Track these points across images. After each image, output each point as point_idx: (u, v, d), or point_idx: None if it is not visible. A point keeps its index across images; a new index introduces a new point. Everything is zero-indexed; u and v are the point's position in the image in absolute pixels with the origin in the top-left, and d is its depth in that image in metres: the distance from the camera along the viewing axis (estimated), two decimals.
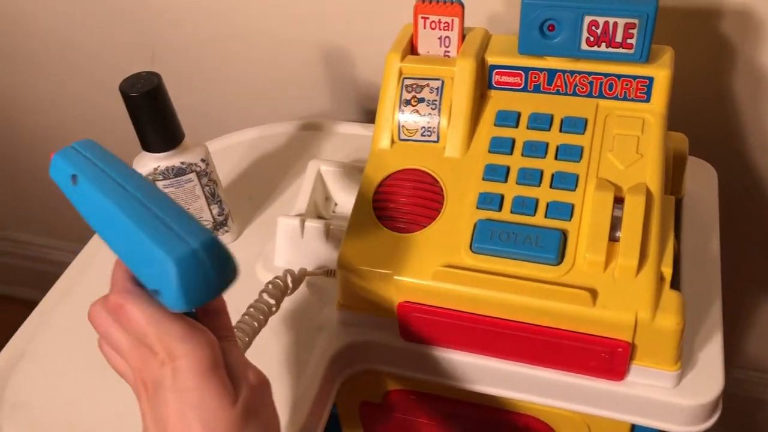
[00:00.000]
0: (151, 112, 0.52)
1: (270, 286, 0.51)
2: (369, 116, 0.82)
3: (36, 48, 0.93)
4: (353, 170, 0.63)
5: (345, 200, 0.64)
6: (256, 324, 0.48)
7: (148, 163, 0.54)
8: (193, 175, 0.56)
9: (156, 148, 0.54)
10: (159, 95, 0.51)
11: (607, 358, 0.46)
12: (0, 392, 0.54)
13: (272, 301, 0.50)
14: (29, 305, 1.34)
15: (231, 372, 0.36)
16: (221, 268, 0.34)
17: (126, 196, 0.34)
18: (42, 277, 1.28)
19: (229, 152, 0.72)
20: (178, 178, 0.55)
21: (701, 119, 0.68)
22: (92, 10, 0.85)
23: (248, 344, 0.47)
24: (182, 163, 0.55)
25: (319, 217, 0.62)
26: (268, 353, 0.52)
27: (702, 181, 0.61)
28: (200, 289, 0.33)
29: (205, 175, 0.56)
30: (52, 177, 0.38)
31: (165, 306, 0.35)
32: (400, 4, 0.71)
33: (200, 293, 0.33)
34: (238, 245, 0.63)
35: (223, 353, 0.36)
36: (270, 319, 0.50)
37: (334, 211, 0.64)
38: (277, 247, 0.59)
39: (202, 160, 0.56)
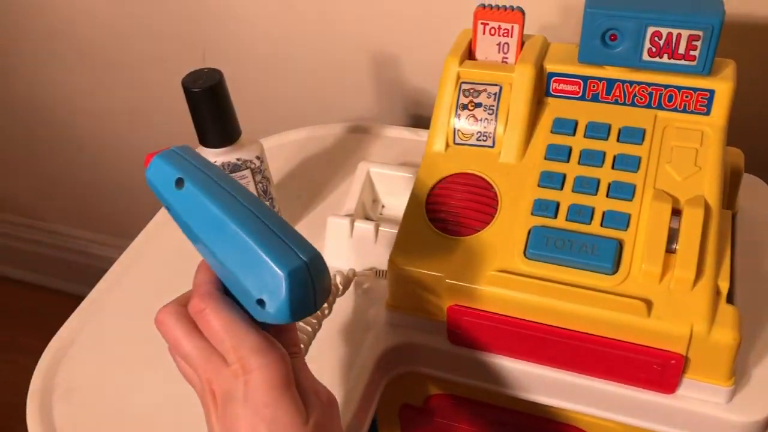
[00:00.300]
0: (212, 108, 0.53)
1: None
2: (415, 121, 0.83)
3: (86, 43, 0.95)
4: (402, 173, 0.63)
5: (392, 203, 0.65)
6: (310, 329, 0.48)
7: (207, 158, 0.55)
8: (247, 172, 0.56)
9: (214, 144, 0.55)
10: (220, 91, 0.52)
11: (659, 370, 0.46)
12: (51, 377, 0.55)
13: (325, 304, 0.50)
14: (65, 296, 1.36)
15: (301, 390, 0.36)
16: (322, 285, 0.34)
17: (235, 203, 0.35)
18: (78, 269, 1.31)
19: (279, 151, 0.72)
20: (233, 174, 0.56)
21: (756, 135, 0.68)
22: (147, 7, 0.86)
23: (305, 352, 0.47)
24: (238, 159, 0.56)
25: (367, 218, 0.62)
26: (313, 353, 0.53)
27: (755, 197, 0.60)
28: (305, 302, 0.34)
29: (259, 172, 0.57)
30: (149, 177, 0.38)
31: (264, 317, 0.35)
32: (450, 10, 0.71)
33: (304, 307, 0.34)
34: None
35: (293, 370, 0.36)
36: None
37: (381, 213, 0.65)
38: (326, 246, 0.59)
39: (257, 158, 0.57)
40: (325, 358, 0.53)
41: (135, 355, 0.55)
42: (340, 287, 0.52)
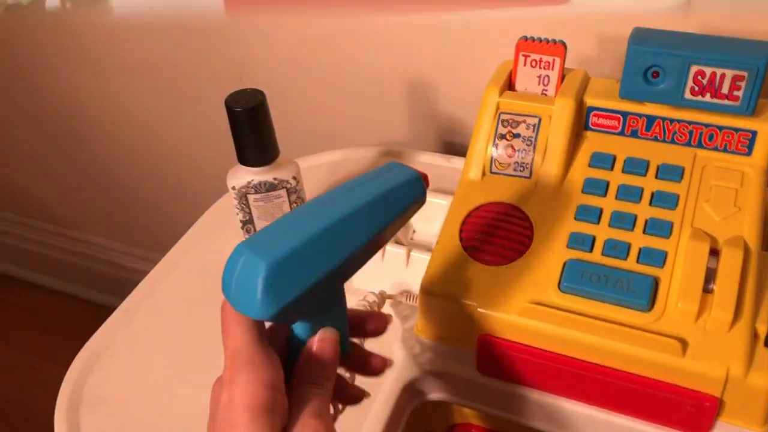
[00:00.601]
0: (253, 128, 0.54)
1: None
2: (447, 148, 0.83)
3: (125, 58, 0.97)
4: (434, 199, 0.63)
5: (423, 228, 0.65)
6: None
7: (242, 176, 0.56)
8: (283, 192, 0.57)
9: (252, 162, 0.55)
10: (261, 112, 0.53)
11: (693, 411, 0.45)
12: (80, 387, 0.55)
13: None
14: (90, 305, 1.37)
15: (298, 422, 0.34)
16: (247, 292, 0.33)
17: (323, 202, 0.36)
18: (107, 279, 1.32)
19: (312, 172, 0.73)
20: (269, 193, 0.57)
21: None
22: (190, 33, 0.88)
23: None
24: (275, 179, 0.56)
25: (398, 242, 0.62)
26: None
27: None
28: (236, 289, 0.33)
29: (295, 192, 0.58)
30: None
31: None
32: (486, 40, 0.72)
33: (233, 292, 0.34)
34: None
35: (301, 398, 0.35)
36: None
37: (411, 238, 0.65)
38: None
39: (294, 178, 0.57)
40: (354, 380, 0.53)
41: (165, 367, 0.56)
42: (376, 309, 0.52)
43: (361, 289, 0.57)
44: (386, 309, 0.57)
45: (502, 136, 0.53)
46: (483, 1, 0.70)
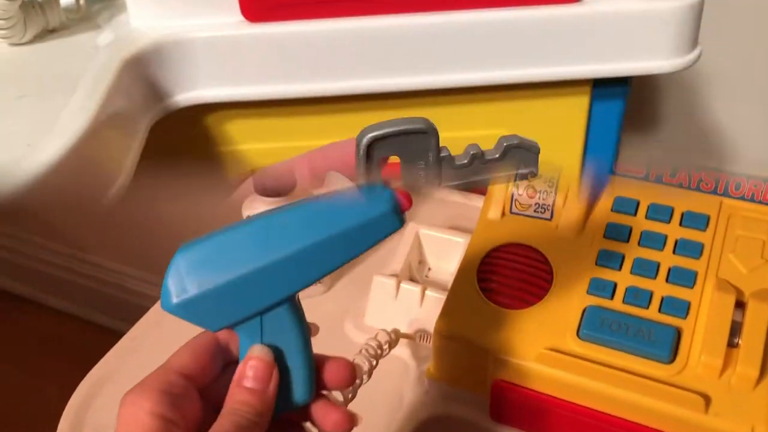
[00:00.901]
0: None
1: (367, 350, 0.49)
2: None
3: None
4: (451, 237, 0.62)
5: (438, 266, 0.64)
6: (342, 399, 0.45)
7: (258, 207, 0.55)
8: None
9: (268, 193, 0.55)
10: None
11: None
12: (83, 414, 0.54)
13: (366, 368, 0.48)
14: (101, 330, 1.36)
15: None
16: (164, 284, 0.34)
17: (282, 212, 0.35)
18: (122, 305, 1.31)
19: None
20: None
21: None
22: None
23: None
24: None
25: (412, 279, 0.61)
26: None
27: None
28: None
29: None
30: None
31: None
32: None
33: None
34: (328, 298, 0.62)
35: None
36: None
37: (426, 276, 0.64)
38: (369, 305, 0.58)
39: None
40: (358, 426, 0.51)
41: None
42: (385, 348, 0.51)
43: (373, 326, 0.56)
44: (399, 348, 0.56)
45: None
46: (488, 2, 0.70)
